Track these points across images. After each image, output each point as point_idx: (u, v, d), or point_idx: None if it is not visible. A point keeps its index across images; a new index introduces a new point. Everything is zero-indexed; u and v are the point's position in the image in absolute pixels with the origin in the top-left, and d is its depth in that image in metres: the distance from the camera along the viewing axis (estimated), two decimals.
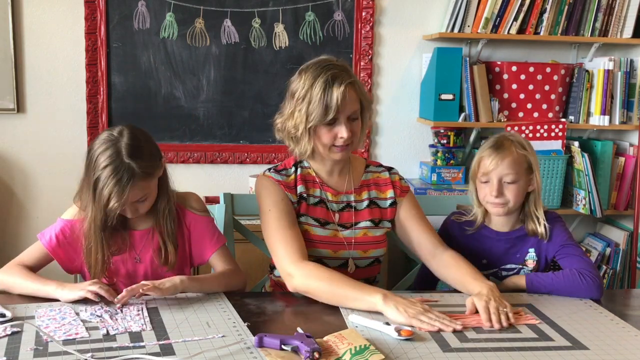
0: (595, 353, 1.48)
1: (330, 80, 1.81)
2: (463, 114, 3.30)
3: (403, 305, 1.62)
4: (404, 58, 3.47)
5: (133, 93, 3.31)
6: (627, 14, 3.37)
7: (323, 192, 1.96)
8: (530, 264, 2.00)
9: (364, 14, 3.37)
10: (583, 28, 3.38)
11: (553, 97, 3.37)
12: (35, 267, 1.85)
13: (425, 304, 1.66)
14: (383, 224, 1.99)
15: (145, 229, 1.89)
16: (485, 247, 2.02)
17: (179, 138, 3.38)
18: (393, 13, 3.42)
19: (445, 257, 1.91)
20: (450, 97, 3.26)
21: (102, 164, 1.71)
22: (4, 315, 1.58)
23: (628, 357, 1.47)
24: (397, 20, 3.43)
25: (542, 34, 3.33)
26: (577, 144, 3.31)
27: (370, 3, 3.36)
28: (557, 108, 3.40)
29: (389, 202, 2.00)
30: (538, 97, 3.35)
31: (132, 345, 1.45)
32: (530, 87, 3.33)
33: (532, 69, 3.33)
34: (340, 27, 3.39)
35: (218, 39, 3.32)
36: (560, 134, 3.29)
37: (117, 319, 1.59)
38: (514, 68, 3.32)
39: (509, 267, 2.02)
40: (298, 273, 1.78)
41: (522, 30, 3.33)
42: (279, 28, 3.35)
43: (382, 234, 1.99)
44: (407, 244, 2.02)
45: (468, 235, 2.03)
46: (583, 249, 3.42)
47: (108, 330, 1.53)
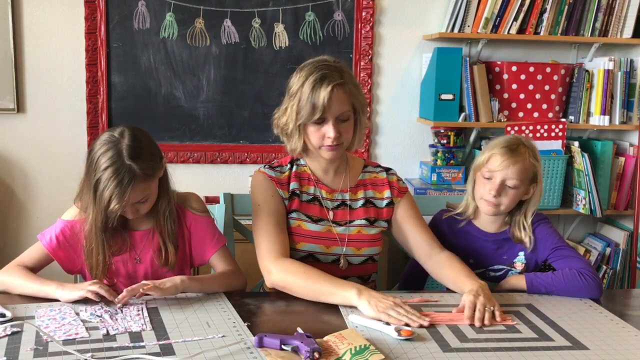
0: (595, 353, 1.48)
1: (319, 80, 1.81)
2: (463, 114, 3.30)
3: (375, 300, 1.65)
4: (404, 58, 3.47)
5: (133, 93, 3.31)
6: (627, 14, 3.37)
7: (318, 189, 1.97)
8: (519, 267, 2.01)
9: (364, 14, 3.37)
10: (583, 28, 3.38)
11: (553, 97, 3.37)
12: (36, 267, 1.85)
13: (398, 299, 1.67)
14: (379, 224, 2.00)
15: (146, 230, 1.89)
16: (472, 246, 2.03)
17: (179, 138, 3.38)
18: (393, 13, 3.42)
19: (441, 257, 1.92)
20: (450, 97, 3.26)
21: (102, 166, 1.71)
22: (4, 315, 1.58)
23: (628, 357, 1.48)
24: (397, 20, 3.43)
25: (542, 34, 3.33)
26: (577, 144, 3.31)
27: (370, 3, 3.36)
28: (557, 108, 3.40)
29: (386, 202, 2.01)
30: (538, 97, 3.35)
31: (132, 345, 1.45)
32: (530, 87, 3.33)
33: (532, 69, 3.33)
34: (340, 27, 3.39)
35: (218, 39, 3.32)
36: (560, 134, 3.29)
37: (117, 319, 1.59)
38: (514, 68, 3.32)
39: (497, 267, 2.02)
40: (275, 269, 1.82)
41: (522, 30, 3.33)
42: (279, 28, 3.35)
43: (376, 233, 1.99)
44: (403, 245, 2.03)
45: (455, 234, 2.04)
46: (582, 249, 3.49)
47: (108, 330, 1.53)
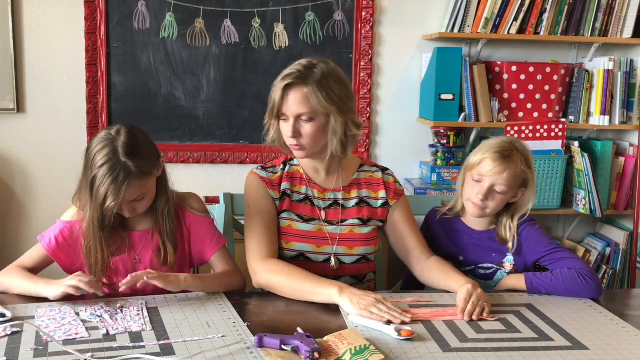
0: (595, 353, 1.48)
1: (281, 78, 1.84)
2: (463, 114, 3.30)
3: (356, 297, 1.66)
4: (404, 58, 3.47)
5: (133, 93, 3.31)
6: (627, 14, 3.37)
7: (309, 189, 1.97)
8: (508, 267, 2.01)
9: (364, 14, 3.37)
10: (583, 28, 3.37)
11: (553, 97, 3.37)
12: (36, 269, 1.85)
13: (380, 295, 1.67)
14: (373, 223, 1.99)
15: (145, 230, 1.89)
16: (462, 243, 2.04)
17: (179, 138, 3.38)
18: (393, 13, 3.42)
19: (430, 261, 1.94)
20: (450, 97, 3.26)
21: (98, 163, 1.72)
22: (4, 315, 1.58)
23: (628, 357, 1.48)
24: (397, 20, 3.43)
25: (542, 34, 3.32)
26: (577, 144, 3.31)
27: (370, 3, 3.36)
28: (557, 108, 3.40)
29: (381, 202, 2.01)
30: (538, 97, 3.35)
31: (132, 345, 1.45)
32: (530, 87, 3.33)
33: (532, 69, 3.33)
34: (340, 27, 3.39)
35: (218, 39, 3.32)
36: (560, 134, 3.29)
37: (117, 319, 1.59)
38: (514, 68, 3.32)
39: (486, 266, 2.03)
40: (262, 269, 1.83)
41: (522, 30, 3.33)
42: (279, 28, 3.35)
43: (370, 232, 1.98)
44: (394, 247, 2.04)
45: (447, 230, 2.05)
46: (582, 249, 3.49)
47: (108, 330, 1.53)
